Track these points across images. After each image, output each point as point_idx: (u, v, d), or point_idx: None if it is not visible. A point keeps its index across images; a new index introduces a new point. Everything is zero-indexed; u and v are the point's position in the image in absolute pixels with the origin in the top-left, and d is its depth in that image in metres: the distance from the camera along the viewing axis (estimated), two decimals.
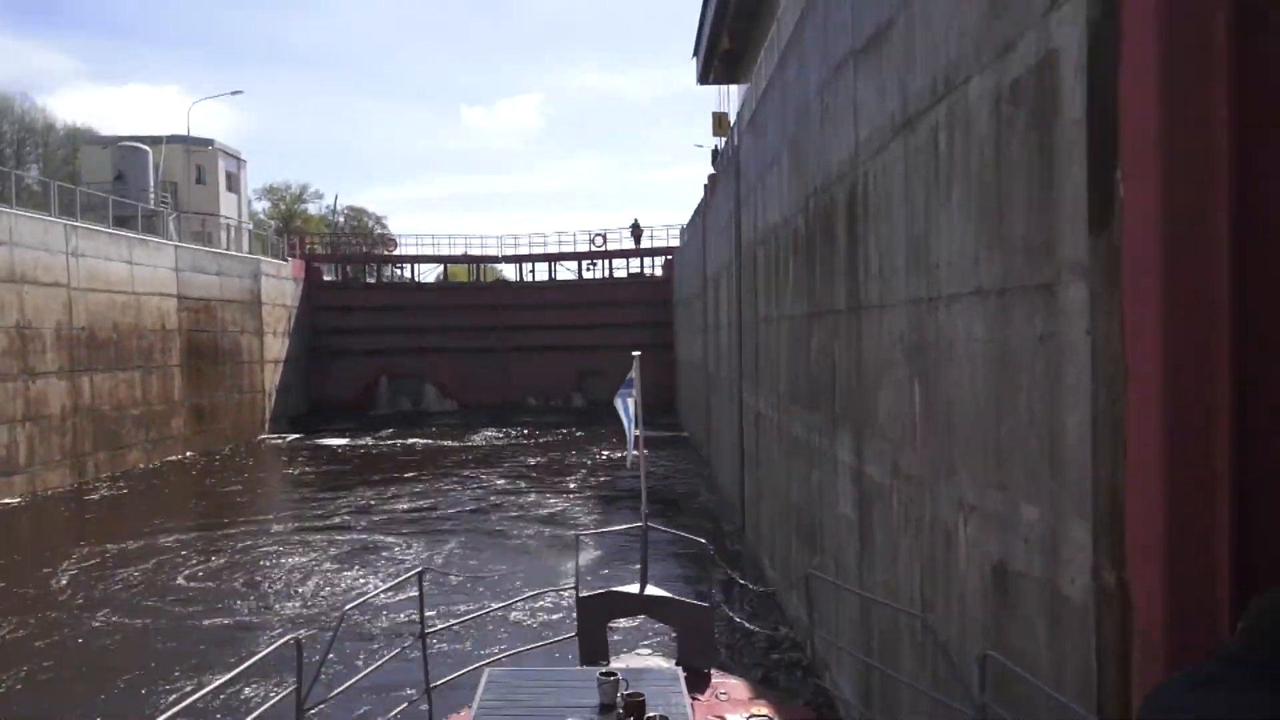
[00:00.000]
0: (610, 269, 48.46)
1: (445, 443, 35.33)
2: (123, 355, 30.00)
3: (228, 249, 42.04)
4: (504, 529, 19.25)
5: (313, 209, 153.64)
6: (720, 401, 22.49)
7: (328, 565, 16.21)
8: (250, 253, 42.94)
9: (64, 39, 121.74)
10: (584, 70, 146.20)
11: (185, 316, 34.33)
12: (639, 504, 7.67)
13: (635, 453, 7.72)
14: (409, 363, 46.14)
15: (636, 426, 7.58)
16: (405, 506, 22.11)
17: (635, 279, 47.41)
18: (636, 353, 7.82)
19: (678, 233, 45.54)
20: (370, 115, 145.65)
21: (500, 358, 46.27)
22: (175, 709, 3.78)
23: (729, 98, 43.51)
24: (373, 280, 50.11)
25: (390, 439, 36.64)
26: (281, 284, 42.64)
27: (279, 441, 37.52)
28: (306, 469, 30.18)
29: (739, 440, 17.63)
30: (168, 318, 33.19)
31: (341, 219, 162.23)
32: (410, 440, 35.99)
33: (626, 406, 7.69)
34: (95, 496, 25.11)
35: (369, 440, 36.39)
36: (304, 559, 16.70)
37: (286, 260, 43.78)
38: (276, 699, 4.67)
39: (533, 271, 49.51)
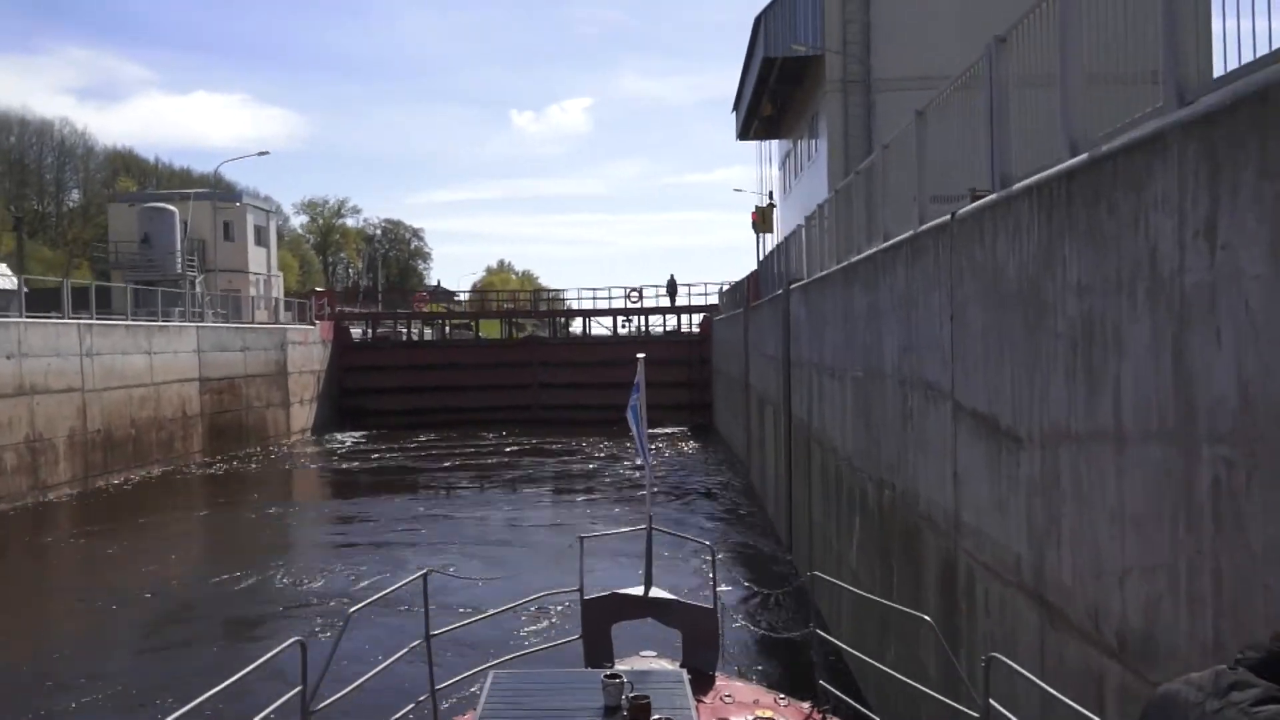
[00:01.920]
0: (646, 325, 46.84)
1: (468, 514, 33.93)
2: (141, 451, 28.93)
3: (254, 311, 41.06)
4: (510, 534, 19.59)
5: (351, 223, 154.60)
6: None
7: None
8: (275, 314, 41.92)
9: (137, 49, 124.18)
10: (631, 76, 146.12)
11: (208, 400, 33.26)
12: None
13: (646, 460, 7.87)
14: (441, 421, 44.77)
15: (642, 425, 7.62)
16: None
17: (671, 336, 45.74)
18: (641, 355, 7.83)
19: (715, 292, 43.91)
20: (421, 121, 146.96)
21: (533, 413, 44.68)
22: (180, 711, 3.84)
23: (770, 152, 41.77)
24: (403, 336, 48.80)
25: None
26: (309, 350, 41.52)
27: None
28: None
29: None
30: (189, 403, 32.12)
31: (379, 231, 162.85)
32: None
33: (635, 416, 7.70)
34: None
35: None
36: None
37: (314, 324, 42.64)
38: (281, 701, 4.67)
39: (567, 326, 47.99)
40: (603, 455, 33.00)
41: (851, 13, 28.88)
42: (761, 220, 34.13)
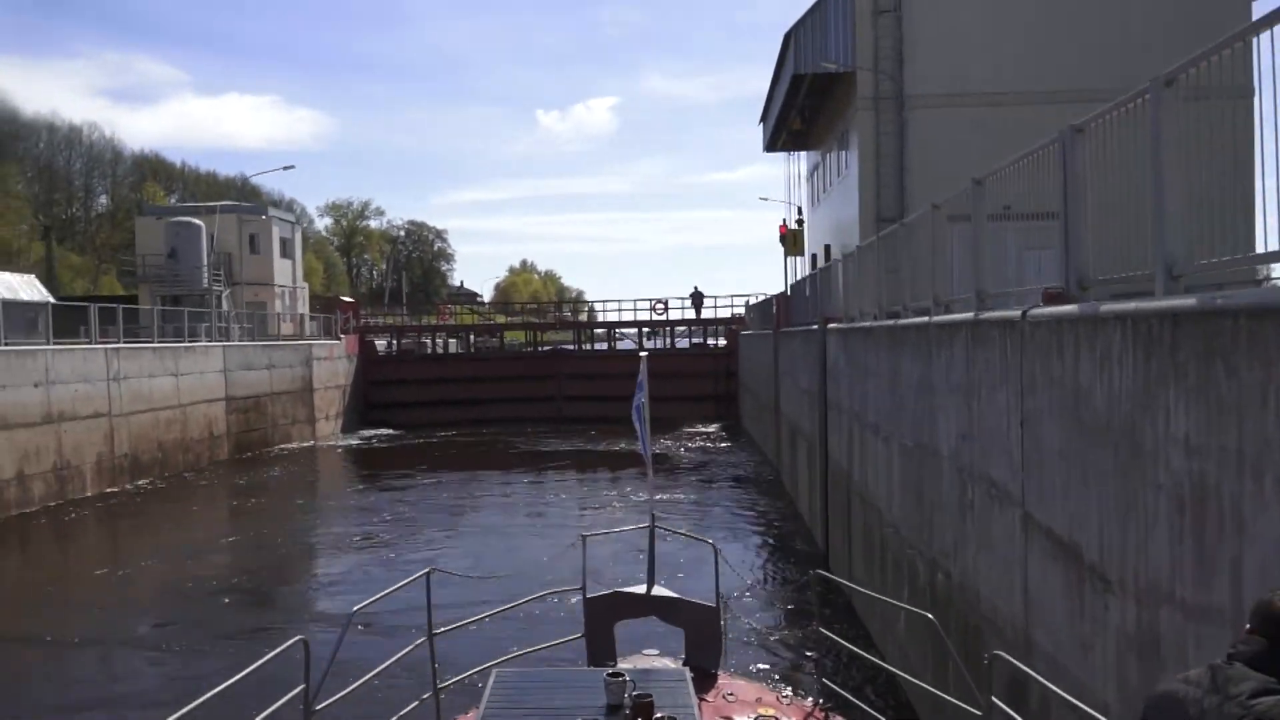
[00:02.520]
0: (672, 338, 46.45)
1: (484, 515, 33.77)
2: (167, 472, 28.85)
3: (280, 325, 40.99)
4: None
5: (374, 225, 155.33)
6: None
7: None
8: (301, 327, 41.81)
9: (169, 51, 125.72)
10: (655, 76, 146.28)
11: (234, 419, 33.19)
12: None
13: (648, 458, 7.90)
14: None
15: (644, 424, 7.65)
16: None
17: (698, 349, 45.31)
18: (644, 353, 7.83)
19: (743, 305, 43.45)
20: (447, 121, 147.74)
21: (559, 429, 44.38)
22: (184, 710, 3.83)
23: (799, 162, 41.25)
24: (428, 347, 48.61)
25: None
26: (334, 365, 41.41)
27: None
28: None
29: None
30: (215, 423, 32.05)
31: (402, 233, 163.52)
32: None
33: (639, 415, 7.71)
34: None
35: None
36: None
37: (339, 338, 42.51)
38: (285, 699, 4.67)
39: (591, 339, 47.70)
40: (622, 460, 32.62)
41: (883, 30, 28.36)
42: (792, 242, 33.55)
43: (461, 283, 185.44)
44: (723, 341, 44.74)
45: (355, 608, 5.51)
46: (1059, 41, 27.84)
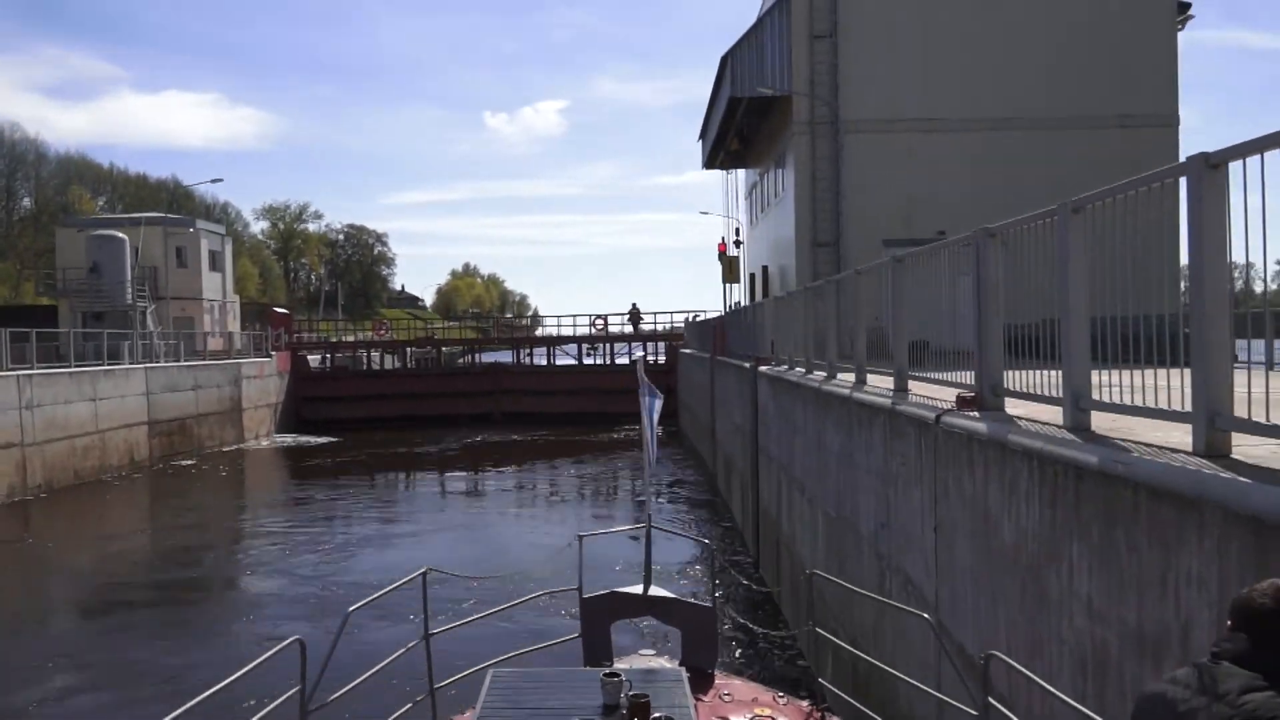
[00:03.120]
0: (612, 353, 46.19)
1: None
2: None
3: (207, 342, 39.85)
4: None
5: (312, 228, 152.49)
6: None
7: None
8: (230, 343, 40.71)
9: (109, 47, 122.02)
10: (605, 80, 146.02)
11: (157, 443, 32.11)
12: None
13: (652, 454, 8.00)
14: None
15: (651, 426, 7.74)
16: None
17: (637, 365, 45.06)
18: (640, 354, 7.06)
19: (683, 320, 43.40)
20: (393, 122, 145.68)
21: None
22: (179, 710, 3.83)
23: (737, 182, 41.33)
24: (363, 362, 47.70)
25: None
26: (265, 383, 40.37)
27: None
28: None
29: None
30: (137, 448, 30.97)
31: (341, 236, 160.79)
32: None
33: (651, 408, 7.88)
34: None
35: None
36: None
37: (270, 355, 41.46)
38: (280, 700, 4.65)
39: (530, 355, 47.24)
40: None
41: (819, 55, 28.45)
42: (728, 269, 33.52)
43: (403, 287, 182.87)
44: (663, 358, 44.56)
45: (351, 608, 5.42)
46: (991, 70, 28.18)
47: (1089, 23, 28.05)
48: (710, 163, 39.65)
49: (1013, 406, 6.14)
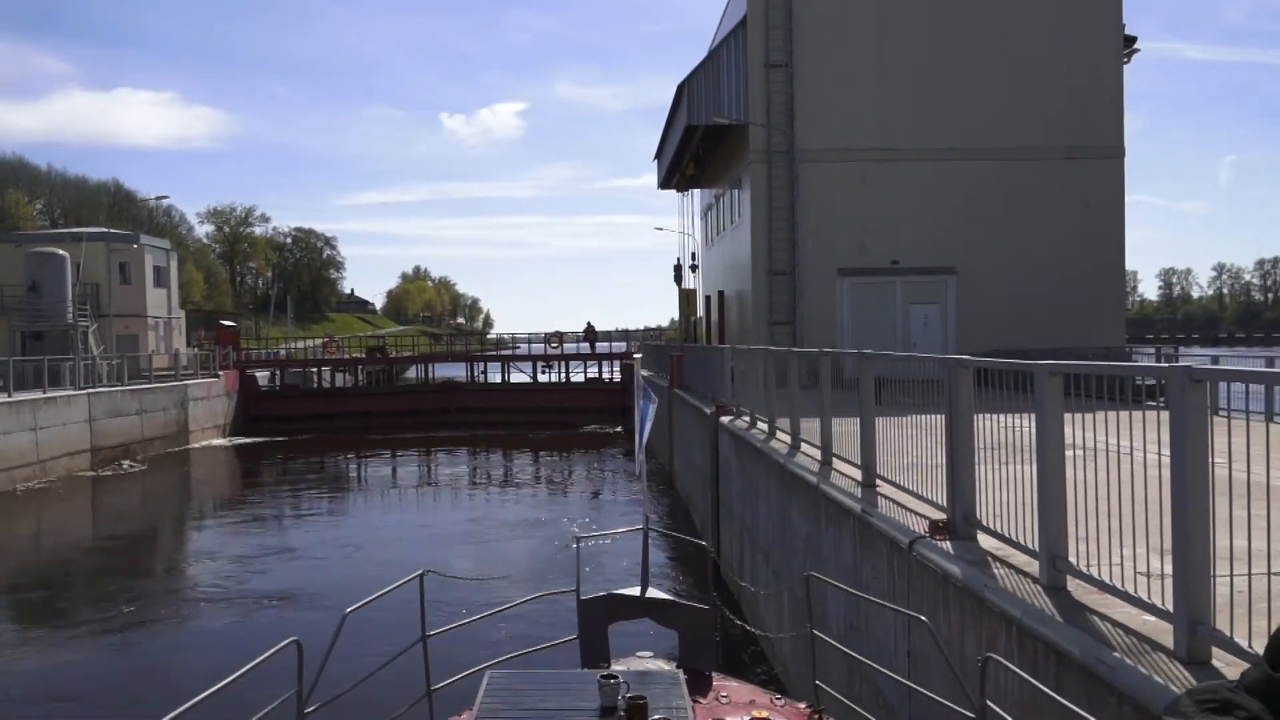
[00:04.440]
0: (567, 371, 46.03)
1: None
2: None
3: (152, 360, 38.90)
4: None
5: (259, 231, 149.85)
6: None
7: None
8: (176, 361, 39.78)
9: (59, 44, 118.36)
10: (565, 83, 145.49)
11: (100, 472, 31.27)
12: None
13: (641, 457, 8.07)
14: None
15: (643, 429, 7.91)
16: None
17: (593, 384, 44.97)
18: (638, 355, 7.16)
19: (636, 339, 43.34)
20: (349, 122, 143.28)
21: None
22: (175, 712, 3.85)
23: (693, 204, 41.40)
24: (314, 380, 46.94)
25: None
26: (213, 404, 39.54)
27: None
28: None
29: None
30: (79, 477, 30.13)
31: (289, 240, 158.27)
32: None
33: (646, 409, 7.95)
34: None
35: None
36: None
37: (218, 375, 40.63)
38: (277, 702, 4.66)
39: (484, 372, 46.88)
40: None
41: (775, 84, 28.59)
42: (686, 303, 33.55)
43: (352, 290, 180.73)
44: (618, 376, 44.52)
45: (348, 609, 5.37)
46: (945, 101, 28.57)
47: (1039, 56, 28.57)
48: (666, 183, 39.68)
49: (987, 537, 6.19)
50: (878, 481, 8.30)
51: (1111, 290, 29.50)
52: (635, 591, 7.28)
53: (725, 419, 16.12)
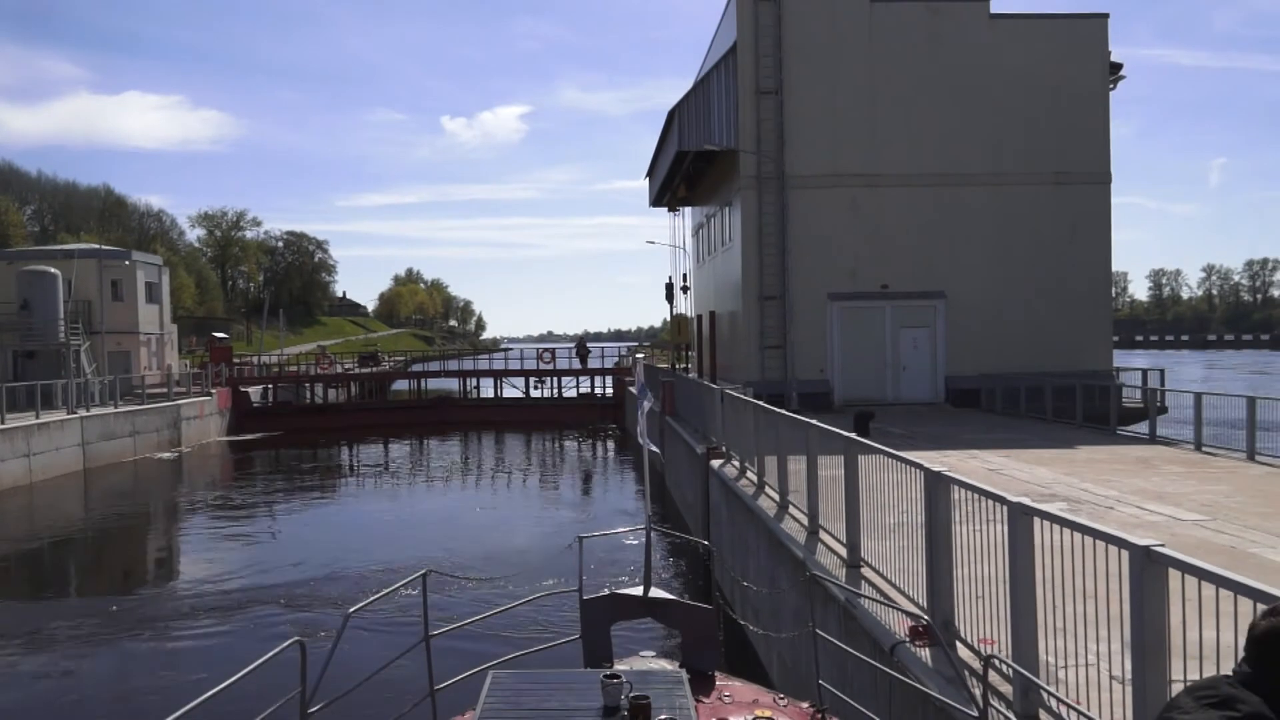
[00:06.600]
0: (559, 387, 46.22)
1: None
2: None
3: (145, 379, 38.96)
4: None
5: (251, 235, 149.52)
6: None
7: None
8: (168, 378, 39.84)
9: (69, 48, 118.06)
10: (569, 88, 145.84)
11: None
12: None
13: (647, 444, 8.31)
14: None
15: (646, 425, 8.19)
16: None
17: (585, 399, 45.19)
18: (640, 354, 7.32)
19: (626, 350, 43.53)
20: (352, 125, 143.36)
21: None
22: (179, 712, 3.87)
23: (684, 219, 41.60)
24: (306, 395, 47.03)
25: None
26: (205, 423, 39.65)
27: None
28: None
29: None
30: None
31: (281, 244, 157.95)
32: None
33: (644, 398, 8.30)
34: None
35: None
36: None
37: (210, 394, 40.72)
38: (280, 702, 4.67)
39: (477, 387, 47.06)
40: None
41: (765, 111, 28.83)
42: (678, 331, 33.78)
43: (344, 293, 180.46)
44: (610, 391, 44.70)
45: (351, 609, 5.39)
46: (933, 128, 28.85)
47: (1027, 84, 28.88)
48: (658, 201, 39.91)
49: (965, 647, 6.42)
50: (861, 564, 8.52)
51: (1098, 314, 29.81)
52: (638, 591, 7.23)
53: (716, 463, 16.33)
